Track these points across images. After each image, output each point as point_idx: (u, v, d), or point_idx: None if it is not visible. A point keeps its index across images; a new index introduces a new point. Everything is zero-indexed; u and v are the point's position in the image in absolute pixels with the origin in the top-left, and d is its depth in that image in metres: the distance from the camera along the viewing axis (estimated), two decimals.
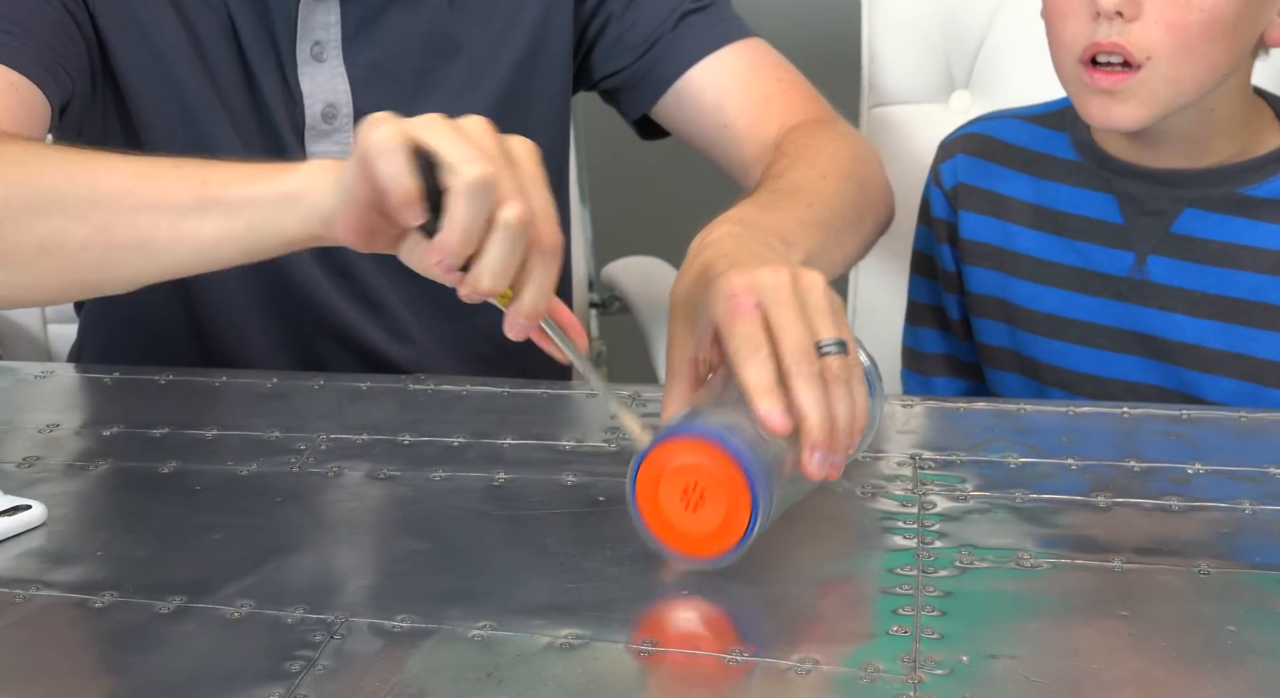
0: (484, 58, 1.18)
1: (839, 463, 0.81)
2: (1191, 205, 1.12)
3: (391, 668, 0.72)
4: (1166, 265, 1.13)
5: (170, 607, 0.77)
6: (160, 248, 0.85)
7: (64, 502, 0.90)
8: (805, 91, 1.22)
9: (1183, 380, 1.13)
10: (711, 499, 0.78)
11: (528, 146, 0.81)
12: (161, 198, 0.85)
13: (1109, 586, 0.78)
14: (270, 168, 0.84)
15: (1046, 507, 0.87)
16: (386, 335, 1.19)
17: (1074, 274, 1.16)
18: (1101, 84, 1.06)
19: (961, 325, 1.25)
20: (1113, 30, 1.05)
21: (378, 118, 0.78)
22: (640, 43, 1.22)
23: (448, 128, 0.78)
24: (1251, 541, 0.83)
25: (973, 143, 1.23)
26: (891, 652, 0.72)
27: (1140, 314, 1.14)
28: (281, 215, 0.83)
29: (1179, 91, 1.06)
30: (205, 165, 0.86)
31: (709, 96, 1.21)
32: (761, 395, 0.80)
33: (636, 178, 2.18)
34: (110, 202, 0.86)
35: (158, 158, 0.88)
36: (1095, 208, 1.15)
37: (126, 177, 0.86)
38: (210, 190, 0.84)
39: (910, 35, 1.48)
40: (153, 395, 1.06)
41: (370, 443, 0.97)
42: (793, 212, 1.01)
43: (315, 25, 1.13)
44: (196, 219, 0.84)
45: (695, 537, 0.79)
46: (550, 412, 1.03)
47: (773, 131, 1.18)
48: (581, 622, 0.75)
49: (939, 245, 1.24)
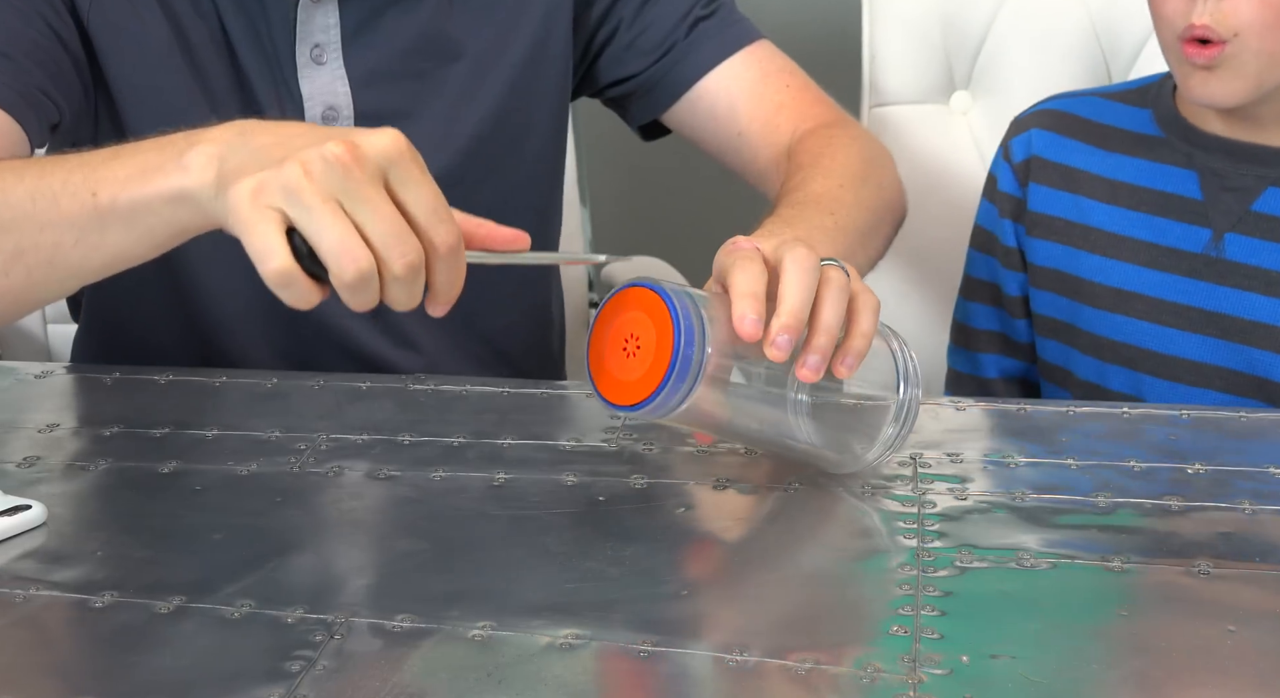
0: (485, 60, 1.18)
1: (815, 365, 0.82)
2: (1276, 184, 1.12)
3: (391, 668, 0.72)
4: (1244, 243, 1.12)
5: (170, 607, 0.77)
6: (75, 263, 0.85)
7: (64, 502, 0.90)
8: (814, 94, 1.23)
9: (1251, 361, 1.13)
10: (643, 352, 0.80)
11: (396, 143, 0.78)
12: (59, 216, 0.84)
13: (1109, 586, 0.78)
14: (158, 157, 0.82)
15: (1046, 507, 0.87)
16: (386, 341, 1.19)
17: (1146, 249, 1.16)
18: (1194, 56, 1.07)
19: (1018, 304, 1.25)
20: (1206, 10, 1.06)
21: (241, 184, 0.77)
22: (652, 49, 1.22)
23: (313, 199, 0.76)
24: (1251, 540, 0.83)
25: (1048, 118, 1.23)
26: (891, 652, 0.72)
27: (1213, 292, 1.14)
28: (176, 214, 0.82)
29: (1272, 64, 1.07)
30: (94, 168, 0.84)
31: (722, 105, 1.22)
32: (741, 297, 0.81)
33: (636, 178, 2.18)
34: (15, 225, 0.85)
35: (53, 166, 0.86)
36: (1174, 183, 1.15)
37: (24, 197, 0.85)
38: (100, 201, 0.83)
39: (910, 35, 1.48)
40: (153, 395, 1.06)
41: (370, 443, 0.97)
42: (815, 221, 1.02)
43: (314, 28, 1.13)
44: (98, 233, 0.83)
45: (621, 382, 0.81)
46: (550, 412, 1.03)
47: (785, 137, 1.19)
48: (581, 622, 0.75)
49: (1001, 221, 1.24)
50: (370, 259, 0.76)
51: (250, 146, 0.80)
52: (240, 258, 1.18)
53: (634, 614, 0.77)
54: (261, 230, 0.76)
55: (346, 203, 0.76)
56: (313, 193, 0.76)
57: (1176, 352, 1.15)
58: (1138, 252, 1.16)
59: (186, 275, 1.16)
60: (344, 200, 0.76)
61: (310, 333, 1.18)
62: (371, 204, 0.76)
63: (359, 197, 0.76)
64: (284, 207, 0.76)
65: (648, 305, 0.81)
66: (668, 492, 0.90)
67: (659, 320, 0.80)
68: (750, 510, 0.88)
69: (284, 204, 0.76)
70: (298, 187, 0.76)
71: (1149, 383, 1.15)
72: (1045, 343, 1.23)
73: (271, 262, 0.76)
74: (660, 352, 0.80)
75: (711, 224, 1.33)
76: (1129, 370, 1.16)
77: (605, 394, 0.82)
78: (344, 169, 0.76)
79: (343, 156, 0.76)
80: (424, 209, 0.78)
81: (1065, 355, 1.21)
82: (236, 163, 0.79)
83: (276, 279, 0.77)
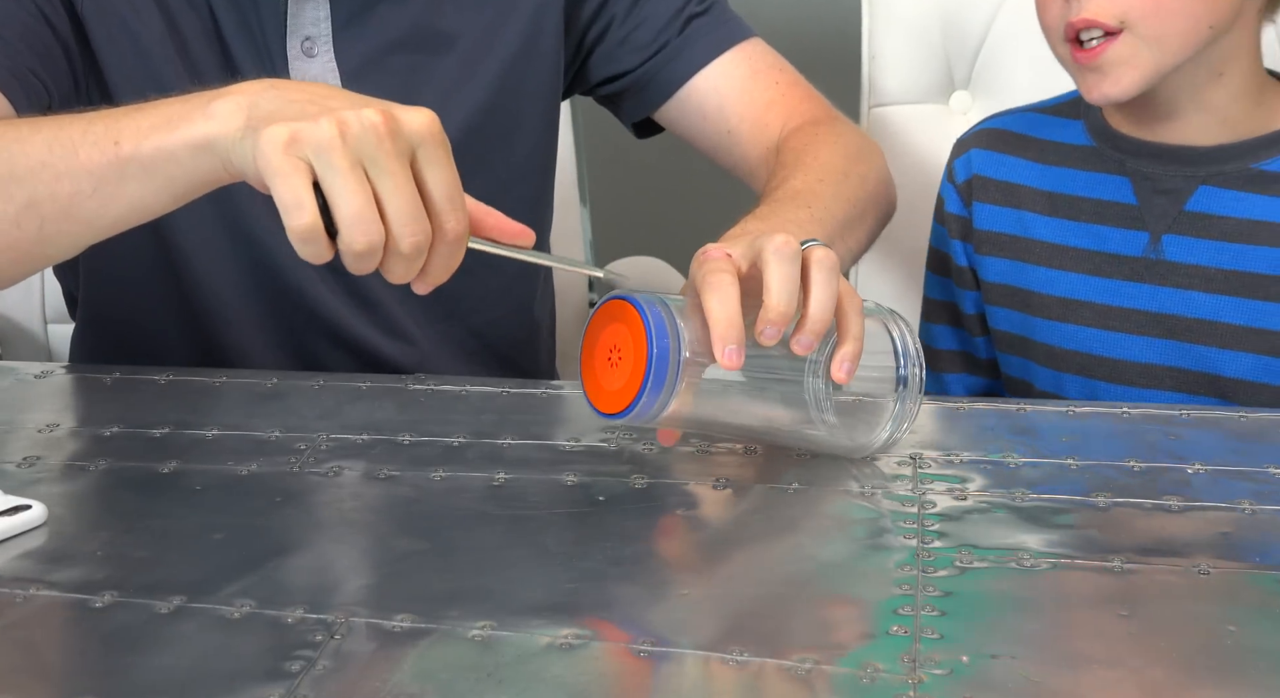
0: (475, 54, 1.19)
1: (808, 343, 0.84)
2: (1206, 183, 1.12)
3: (391, 668, 0.72)
4: (1181, 244, 1.13)
5: (170, 607, 0.77)
6: (90, 215, 0.85)
7: (64, 502, 0.90)
8: (804, 91, 1.23)
9: (1199, 358, 1.14)
10: (624, 363, 0.83)
11: (432, 124, 0.80)
12: (78, 165, 0.84)
13: (1109, 586, 0.78)
14: (182, 108, 0.83)
15: (1046, 507, 0.87)
16: (378, 332, 1.20)
17: (1087, 257, 1.17)
18: (1083, 60, 1.09)
19: (976, 322, 1.26)
20: (1083, 7, 1.07)
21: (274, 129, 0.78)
22: (646, 46, 1.22)
23: (343, 161, 0.77)
24: (1251, 541, 0.83)
25: (986, 137, 1.25)
26: (891, 652, 0.72)
27: (1155, 293, 1.14)
28: (199, 164, 0.82)
29: (1165, 51, 1.07)
30: (116, 119, 0.84)
31: (712, 103, 1.22)
32: (716, 323, 0.82)
33: (636, 178, 2.18)
34: (30, 176, 0.85)
35: (70, 118, 0.87)
36: (1109, 190, 1.16)
37: (41, 147, 0.86)
38: (123, 150, 0.83)
39: (910, 35, 1.48)
40: (153, 395, 1.06)
41: (370, 443, 0.97)
42: (790, 214, 1.03)
43: (305, 21, 1.13)
44: (117, 183, 0.84)
45: (606, 391, 0.84)
46: (550, 412, 1.03)
47: (774, 134, 1.19)
48: (581, 622, 0.75)
49: (952, 241, 1.26)
50: (382, 234, 0.78)
51: (282, 99, 0.81)
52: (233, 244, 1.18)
53: (634, 614, 0.77)
54: (293, 182, 0.77)
55: (371, 171, 0.78)
56: (343, 154, 0.77)
57: (1126, 355, 1.16)
58: (1080, 260, 1.17)
59: (181, 262, 1.16)
60: (370, 168, 0.78)
61: (302, 320, 1.18)
62: (396, 179, 0.78)
63: (385, 168, 0.78)
64: (313, 161, 0.77)
65: (626, 316, 0.84)
66: (668, 492, 0.90)
67: (635, 330, 0.83)
68: (750, 510, 0.88)
69: (313, 159, 0.77)
70: (330, 145, 0.77)
71: (1103, 388, 1.17)
72: (1005, 358, 1.25)
73: (302, 217, 0.78)
74: (638, 359, 0.82)
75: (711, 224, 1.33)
76: (1083, 378, 1.18)
77: (595, 403, 0.85)
78: (377, 138, 0.78)
79: (379, 126, 0.78)
80: (442, 193, 0.80)
81: (1024, 368, 1.22)
82: (267, 111, 0.80)
83: (302, 233, 0.78)
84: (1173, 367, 1.14)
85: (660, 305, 0.84)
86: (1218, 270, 1.12)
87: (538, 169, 1.26)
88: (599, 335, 0.86)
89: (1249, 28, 1.11)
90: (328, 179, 0.78)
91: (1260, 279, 1.11)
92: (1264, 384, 1.12)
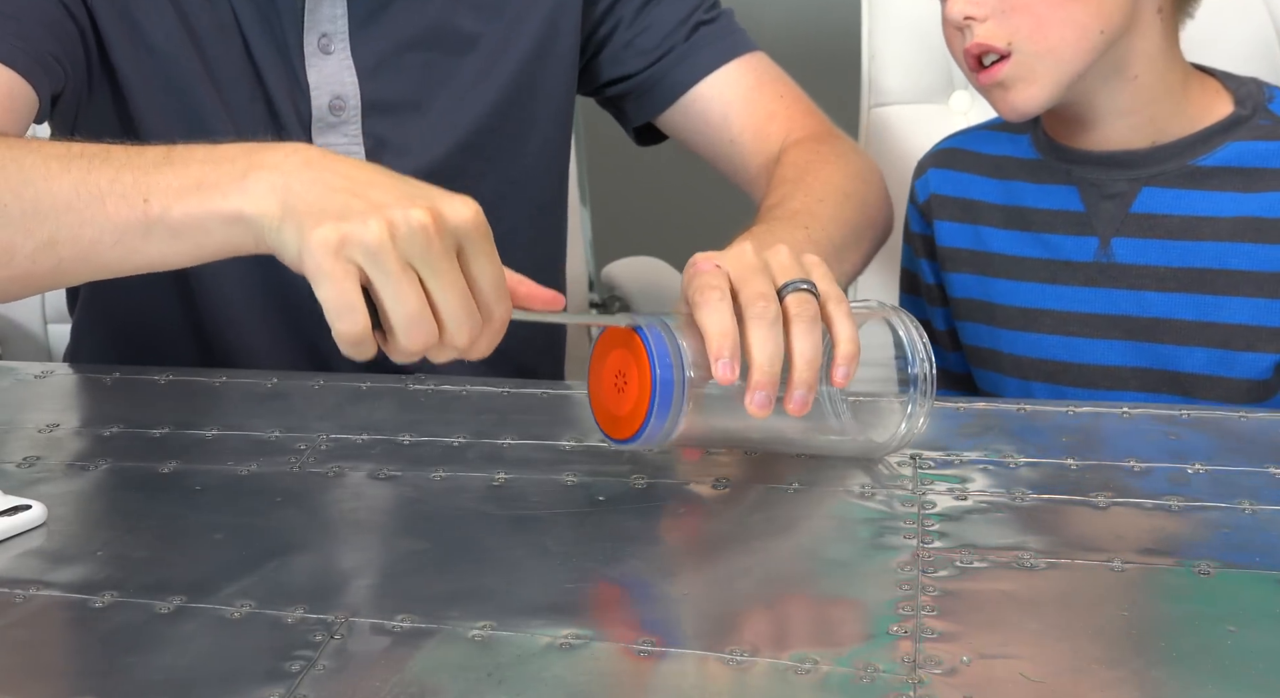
0: (492, 53, 1.19)
1: (802, 398, 0.84)
2: (1148, 184, 1.15)
3: (391, 668, 0.72)
4: (1130, 245, 1.15)
5: (170, 607, 0.77)
6: (109, 263, 0.84)
7: (64, 502, 0.90)
8: (805, 106, 1.24)
9: (1157, 356, 1.15)
10: (629, 388, 0.84)
11: (477, 217, 0.79)
12: (103, 216, 0.83)
13: (1109, 586, 0.78)
14: (215, 172, 0.81)
15: (1046, 507, 0.87)
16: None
17: (1043, 266, 1.19)
18: (985, 81, 1.12)
19: (947, 338, 1.28)
20: (973, 34, 1.10)
21: (323, 231, 0.76)
22: (651, 49, 1.22)
23: (395, 265, 0.76)
24: (1251, 541, 0.83)
25: (942, 157, 1.28)
26: (891, 652, 0.72)
27: (1110, 296, 1.16)
28: (229, 235, 0.81)
29: (1059, 61, 1.10)
30: (146, 171, 0.83)
31: (716, 111, 1.22)
32: (711, 338, 0.82)
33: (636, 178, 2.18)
34: (54, 215, 0.84)
35: (100, 159, 0.85)
36: (1058, 200, 1.18)
37: (69, 189, 0.84)
38: (151, 210, 0.81)
39: (910, 35, 1.49)
40: (153, 395, 1.06)
41: (370, 443, 0.97)
42: (789, 233, 1.03)
43: (322, 18, 1.14)
44: (140, 239, 0.82)
45: (615, 416, 0.85)
46: (550, 412, 1.03)
47: (775, 146, 1.20)
48: (581, 622, 0.75)
49: (918, 260, 1.29)
50: (436, 334, 0.78)
51: (321, 185, 0.79)
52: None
53: (634, 614, 0.77)
54: (345, 287, 0.76)
55: (423, 271, 0.77)
56: (394, 258, 0.76)
57: (1089, 359, 1.18)
58: (1037, 270, 1.19)
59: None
60: (421, 269, 0.77)
61: (309, 319, 1.18)
62: (447, 278, 0.77)
63: (436, 268, 0.77)
64: (363, 265, 0.76)
65: (629, 342, 0.84)
66: (668, 492, 0.90)
67: (639, 354, 0.83)
68: (750, 510, 0.88)
69: (364, 263, 0.76)
70: (380, 249, 0.76)
71: (1071, 394, 1.18)
72: (977, 372, 1.26)
73: (355, 324, 0.77)
74: (643, 383, 0.83)
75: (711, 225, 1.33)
76: (1050, 385, 1.19)
77: (606, 429, 0.86)
78: (426, 238, 0.77)
79: (428, 226, 0.77)
80: (489, 285, 0.79)
81: (994, 381, 1.24)
82: (307, 200, 0.78)
83: (352, 339, 0.77)
84: (1134, 367, 1.16)
85: (660, 326, 0.84)
86: (1166, 269, 1.14)
87: (551, 170, 1.26)
88: (604, 361, 0.86)
89: (1153, 30, 1.12)
90: (380, 283, 0.76)
91: (1206, 273, 1.13)
92: (1219, 377, 1.14)
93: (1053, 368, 1.19)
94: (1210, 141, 1.14)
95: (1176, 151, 1.14)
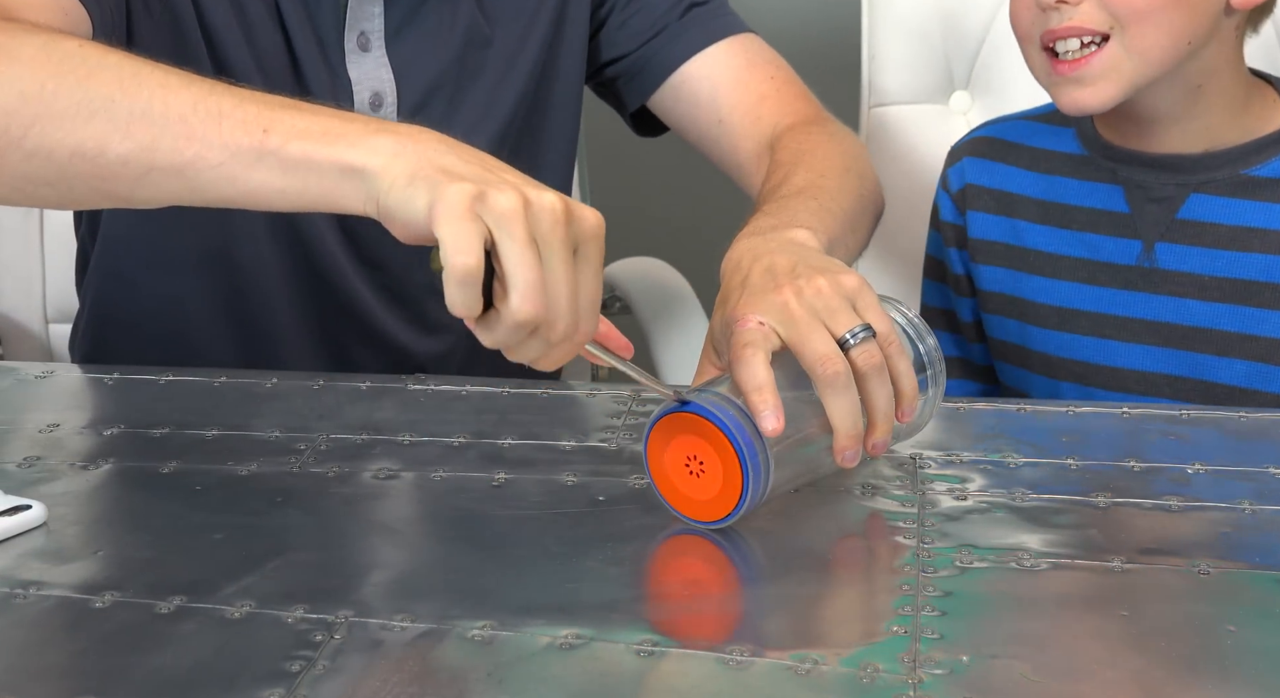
0: (513, 47, 1.21)
1: (881, 444, 0.86)
2: (1197, 190, 1.13)
3: (392, 668, 0.72)
4: (1174, 251, 1.13)
5: (170, 607, 0.77)
6: (203, 181, 0.82)
7: (64, 502, 0.90)
8: (798, 90, 1.23)
9: (1194, 365, 1.14)
10: (710, 471, 0.83)
11: (599, 227, 0.80)
12: (215, 135, 0.81)
13: (1109, 586, 0.78)
14: (341, 126, 0.80)
15: (1046, 507, 0.87)
16: (408, 327, 1.21)
17: (1081, 266, 1.17)
18: (1064, 72, 1.09)
19: (973, 329, 1.26)
20: (1062, 17, 1.07)
21: (463, 184, 0.76)
22: (644, 29, 1.23)
23: (523, 233, 0.76)
24: (1251, 540, 0.83)
25: (979, 145, 1.25)
26: (891, 652, 0.72)
27: (1149, 301, 1.15)
28: (339, 187, 0.79)
29: (1145, 63, 1.08)
30: (271, 107, 0.81)
31: (705, 90, 1.23)
32: (750, 392, 0.82)
33: (636, 178, 2.18)
34: (162, 123, 0.81)
35: (223, 88, 0.83)
36: (1101, 199, 1.16)
37: (186, 103, 0.82)
38: (269, 141, 0.80)
39: (910, 35, 1.48)
40: (153, 395, 1.06)
41: (370, 443, 0.97)
42: (802, 205, 1.03)
43: (361, 16, 1.15)
44: (248, 165, 0.80)
45: (697, 501, 0.84)
46: (550, 412, 1.03)
47: (766, 130, 1.19)
48: (581, 622, 0.75)
49: (948, 249, 1.26)
50: (545, 310, 0.77)
51: (455, 155, 0.79)
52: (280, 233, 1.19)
53: (634, 614, 0.77)
54: (469, 229, 0.75)
55: (544, 251, 0.77)
56: (523, 227, 0.76)
57: (1122, 363, 1.16)
58: (1075, 269, 1.18)
59: (223, 250, 1.16)
60: (542, 248, 0.77)
61: (334, 312, 1.19)
62: (564, 265, 0.77)
63: (556, 252, 0.77)
64: (492, 226, 0.76)
65: (696, 427, 0.83)
66: None
67: (715, 441, 0.82)
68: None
69: (493, 224, 0.76)
70: (513, 215, 0.76)
71: (1100, 397, 1.17)
72: (1001, 366, 1.25)
73: (469, 258, 0.75)
74: (728, 467, 0.82)
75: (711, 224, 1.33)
76: (1080, 386, 1.18)
77: (683, 511, 0.85)
78: (554, 221, 0.77)
79: (558, 211, 0.77)
80: (588, 295, 0.79)
81: (1020, 377, 1.23)
82: (442, 165, 0.78)
83: (463, 275, 0.75)
84: (1169, 374, 1.14)
85: (724, 402, 0.83)
86: (1211, 278, 1.12)
87: (563, 157, 1.28)
88: (669, 443, 0.85)
89: (1226, 43, 1.11)
90: (505, 247, 0.76)
91: (1252, 285, 1.12)
92: (1257, 391, 1.12)
93: (1084, 369, 1.17)
94: (1264, 152, 1.12)
95: (1229, 160, 1.12)
